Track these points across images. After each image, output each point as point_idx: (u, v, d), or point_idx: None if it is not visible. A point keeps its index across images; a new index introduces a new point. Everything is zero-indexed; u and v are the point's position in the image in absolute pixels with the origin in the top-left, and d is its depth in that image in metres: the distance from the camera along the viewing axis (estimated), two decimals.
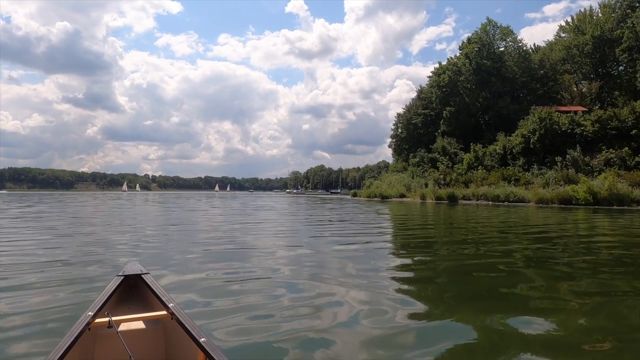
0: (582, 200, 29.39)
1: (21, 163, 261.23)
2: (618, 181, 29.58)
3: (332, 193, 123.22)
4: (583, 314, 3.93)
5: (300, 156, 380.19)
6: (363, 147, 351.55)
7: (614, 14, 45.83)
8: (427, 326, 3.48)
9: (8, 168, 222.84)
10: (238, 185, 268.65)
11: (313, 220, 16.53)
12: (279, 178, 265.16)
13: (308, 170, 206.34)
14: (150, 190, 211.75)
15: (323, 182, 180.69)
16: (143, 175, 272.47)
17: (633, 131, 35.44)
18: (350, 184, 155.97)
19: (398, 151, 67.26)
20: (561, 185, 33.20)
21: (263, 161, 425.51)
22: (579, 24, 49.76)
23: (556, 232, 11.95)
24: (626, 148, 34.85)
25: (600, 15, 48.36)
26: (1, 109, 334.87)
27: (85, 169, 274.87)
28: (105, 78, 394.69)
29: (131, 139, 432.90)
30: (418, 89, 67.57)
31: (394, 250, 8.55)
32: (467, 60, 53.84)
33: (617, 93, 46.08)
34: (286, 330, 3.23)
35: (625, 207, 27.05)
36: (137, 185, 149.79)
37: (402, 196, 48.67)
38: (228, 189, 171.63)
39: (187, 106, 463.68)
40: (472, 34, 55.78)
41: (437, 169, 48.99)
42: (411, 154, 60.05)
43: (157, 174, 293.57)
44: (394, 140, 68.82)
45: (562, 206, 29.50)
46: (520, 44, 55.55)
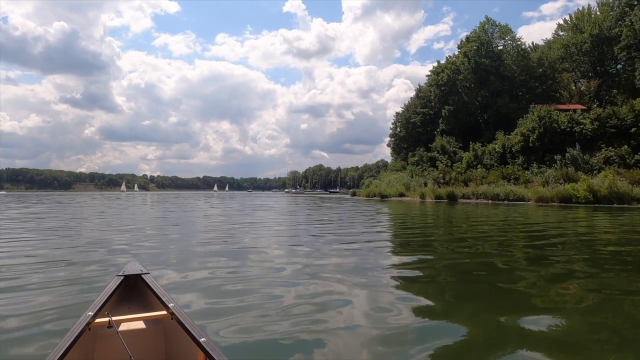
0: (582, 198, 29.38)
1: (19, 164, 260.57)
2: (618, 179, 29.58)
3: (331, 192, 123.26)
4: (583, 312, 3.94)
5: (298, 156, 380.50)
6: (361, 147, 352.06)
7: (612, 12, 45.85)
8: (428, 324, 3.48)
9: (6, 169, 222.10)
10: (236, 185, 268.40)
11: (312, 219, 16.45)
12: (278, 178, 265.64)
13: (307, 169, 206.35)
14: (148, 190, 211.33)
15: (322, 182, 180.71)
16: (141, 175, 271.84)
17: (632, 129, 35.46)
18: (348, 184, 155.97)
19: (397, 150, 67.26)
20: (561, 183, 33.18)
21: (261, 161, 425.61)
22: (577, 23, 49.79)
23: (557, 231, 11.89)
24: (625, 146, 34.86)
25: (598, 13, 48.38)
26: None
27: (83, 170, 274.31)
28: (102, 78, 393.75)
29: (129, 139, 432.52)
30: (417, 88, 67.63)
31: (394, 249, 8.51)
32: (466, 58, 53.79)
33: (616, 91, 46.13)
34: (286, 329, 3.23)
35: (625, 205, 27.05)
36: (136, 185, 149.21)
37: (402, 195, 48.63)
38: (227, 189, 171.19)
39: (185, 106, 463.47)
40: (471, 33, 55.71)
41: (437, 168, 48.92)
42: (410, 153, 60.04)
43: (156, 174, 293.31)
44: (393, 139, 68.81)
45: (562, 204, 29.47)
46: (518, 43, 55.56)
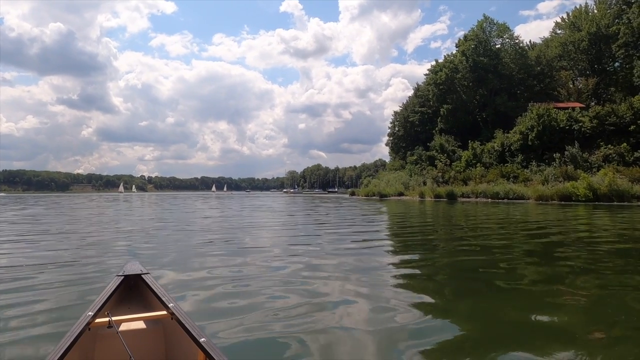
0: (582, 196, 29.36)
1: (16, 165, 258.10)
2: (617, 177, 29.57)
3: (330, 192, 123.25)
4: (583, 308, 3.98)
5: (296, 155, 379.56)
6: (359, 146, 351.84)
7: (610, 10, 45.87)
8: (428, 323, 3.50)
9: (2, 170, 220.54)
10: (235, 185, 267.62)
11: (312, 219, 16.35)
12: (276, 178, 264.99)
13: (305, 169, 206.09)
14: (146, 191, 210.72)
15: (320, 182, 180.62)
16: (139, 176, 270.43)
17: (631, 127, 35.46)
18: (347, 183, 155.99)
19: (395, 149, 67.19)
20: (560, 181, 33.15)
21: (259, 161, 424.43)
22: (575, 21, 49.81)
23: (557, 229, 11.89)
24: (625, 144, 34.86)
25: (595, 11, 48.37)
26: None
27: (80, 171, 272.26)
28: (99, 79, 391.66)
29: (126, 140, 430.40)
30: (415, 87, 67.52)
31: (395, 248, 8.49)
32: (464, 57, 53.68)
33: (613, 89, 46.15)
34: (286, 329, 3.23)
35: (625, 203, 27.03)
36: (134, 186, 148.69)
37: (401, 194, 48.58)
38: (225, 189, 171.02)
39: (183, 106, 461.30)
40: (469, 31, 55.57)
41: (435, 167, 48.86)
42: (409, 152, 59.98)
43: (153, 175, 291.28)
44: (391, 138, 68.72)
45: (562, 203, 29.46)
46: (516, 41, 55.45)
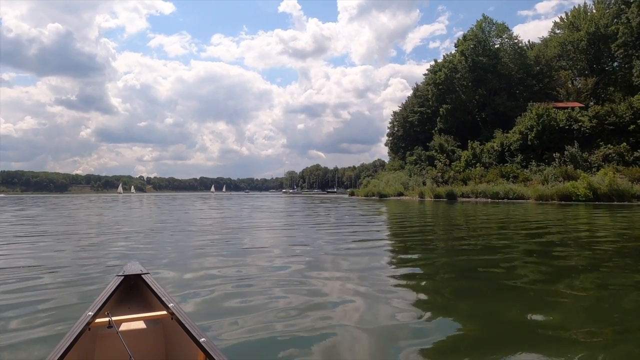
0: (583, 196, 29.31)
1: (14, 166, 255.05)
2: (617, 177, 29.52)
3: (329, 192, 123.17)
4: (583, 308, 3.99)
5: (295, 156, 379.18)
6: (358, 146, 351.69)
7: (609, 10, 45.88)
8: (428, 322, 3.52)
9: (1, 171, 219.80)
10: (234, 185, 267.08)
11: (312, 219, 16.25)
12: (275, 178, 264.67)
13: (304, 169, 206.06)
14: (145, 192, 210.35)
15: (319, 182, 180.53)
16: (138, 177, 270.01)
17: (631, 126, 35.41)
18: (346, 183, 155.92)
19: (395, 149, 67.12)
20: (560, 181, 33.09)
21: (258, 161, 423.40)
22: (574, 20, 49.84)
23: (558, 228, 11.85)
24: (624, 143, 34.80)
25: (594, 11, 48.41)
26: None
27: (79, 172, 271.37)
28: (98, 79, 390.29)
29: (125, 141, 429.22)
30: (414, 87, 67.47)
31: (395, 248, 8.45)
32: (463, 57, 53.67)
33: (612, 89, 46.17)
34: (286, 329, 3.24)
35: (625, 203, 27.00)
36: (132, 187, 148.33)
37: (400, 194, 48.52)
38: (224, 190, 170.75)
39: (181, 107, 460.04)
40: (468, 31, 55.61)
41: (435, 167, 48.78)
42: (408, 152, 59.92)
43: (152, 176, 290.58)
44: (391, 138, 68.66)
45: (562, 202, 29.41)
46: (515, 41, 55.47)
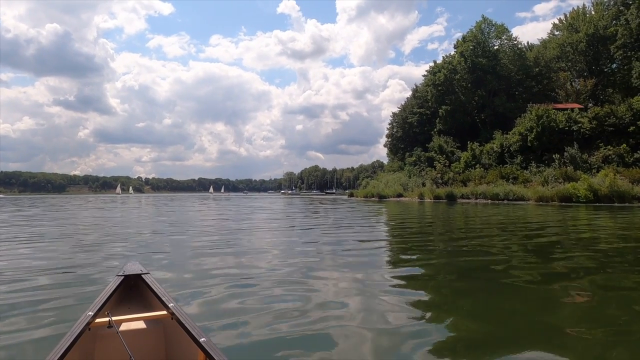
0: (583, 197, 29.26)
1: (12, 167, 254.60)
2: (618, 178, 29.47)
3: (327, 193, 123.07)
4: (583, 308, 4.02)
5: (294, 157, 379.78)
6: (357, 147, 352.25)
7: (607, 12, 45.90)
8: (428, 323, 3.54)
9: None
10: (232, 186, 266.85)
11: (311, 221, 16.13)
12: (273, 179, 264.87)
13: (302, 170, 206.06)
14: (143, 192, 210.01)
15: (317, 183, 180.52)
16: (136, 177, 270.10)
17: (631, 128, 35.39)
18: (344, 184, 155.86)
19: (394, 150, 67.07)
20: (560, 182, 33.05)
21: (257, 162, 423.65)
22: (573, 22, 49.83)
23: (559, 229, 11.82)
24: (624, 145, 34.78)
25: (593, 13, 48.45)
26: None
27: (77, 172, 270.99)
28: (96, 80, 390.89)
29: (123, 141, 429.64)
30: (413, 88, 67.48)
31: (395, 249, 8.40)
32: (463, 58, 53.66)
33: (611, 90, 46.21)
34: (286, 329, 3.25)
35: (626, 204, 26.95)
36: (130, 187, 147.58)
37: (400, 196, 48.42)
38: (222, 191, 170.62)
39: (180, 108, 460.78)
40: (467, 32, 55.63)
41: (434, 168, 48.72)
42: (407, 153, 59.87)
43: (150, 176, 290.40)
44: (390, 139, 68.61)
45: (563, 204, 29.35)
46: (515, 42, 55.49)
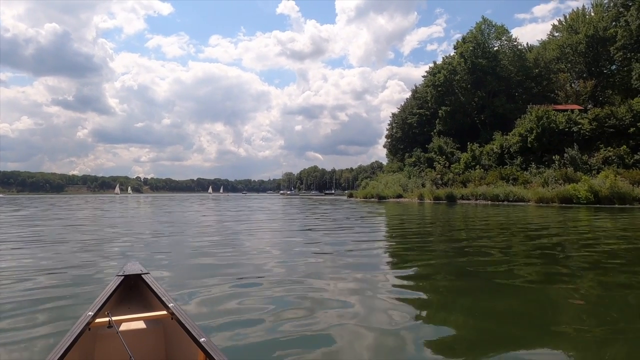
0: (584, 199, 29.20)
1: (10, 166, 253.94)
2: (618, 179, 29.40)
3: (326, 194, 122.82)
4: (582, 308, 4.04)
5: (293, 157, 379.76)
6: (356, 148, 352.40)
7: (607, 13, 45.88)
8: (427, 323, 3.54)
9: None
10: (231, 187, 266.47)
11: (311, 221, 16.05)
12: (272, 179, 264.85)
13: (301, 171, 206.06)
14: (142, 192, 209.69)
15: (316, 183, 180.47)
16: (135, 177, 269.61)
17: (631, 129, 35.35)
18: (343, 185, 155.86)
19: (393, 151, 67.02)
20: (560, 184, 32.99)
21: (256, 162, 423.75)
22: (572, 23, 49.82)
23: (559, 230, 11.77)
24: (624, 146, 34.75)
25: (593, 14, 48.47)
26: None
27: (75, 172, 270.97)
28: (95, 80, 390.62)
29: (122, 141, 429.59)
30: (413, 89, 67.47)
31: (395, 250, 8.37)
32: (462, 59, 53.63)
33: (610, 92, 46.24)
34: (285, 330, 3.25)
35: (627, 206, 26.90)
36: (129, 187, 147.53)
37: (399, 196, 48.32)
38: (221, 191, 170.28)
39: (179, 108, 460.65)
40: (467, 33, 55.62)
41: (434, 169, 48.66)
42: (407, 154, 59.79)
43: (149, 177, 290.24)
44: (389, 140, 68.58)
45: (563, 205, 29.28)
46: (514, 43, 55.47)
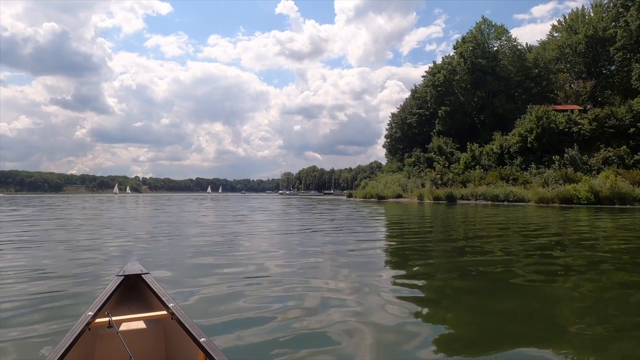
0: (584, 199, 29.14)
1: (8, 166, 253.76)
2: (619, 180, 29.35)
3: (325, 194, 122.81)
4: (582, 308, 4.04)
5: (291, 157, 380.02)
6: (354, 148, 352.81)
7: (607, 14, 45.87)
8: (427, 322, 3.55)
9: None
10: (230, 186, 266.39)
11: (311, 221, 15.97)
12: (271, 179, 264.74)
13: (300, 171, 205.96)
14: (140, 192, 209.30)
15: (315, 183, 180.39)
16: (133, 177, 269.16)
17: (631, 129, 35.31)
18: (342, 185, 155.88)
19: (392, 151, 66.94)
20: (560, 184, 32.94)
21: (254, 162, 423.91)
22: (572, 24, 49.79)
23: (560, 231, 11.71)
24: (624, 146, 34.71)
25: (592, 14, 48.46)
26: None
27: (74, 172, 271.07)
28: (93, 79, 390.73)
29: (121, 141, 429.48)
30: (412, 89, 67.38)
31: (395, 249, 8.36)
32: (462, 59, 53.57)
33: (609, 92, 46.22)
34: (286, 329, 3.25)
35: (627, 206, 26.85)
36: (128, 187, 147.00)
37: (399, 196, 48.24)
38: (220, 191, 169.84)
39: (178, 107, 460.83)
40: (467, 33, 55.55)
41: (434, 169, 48.60)
42: (406, 154, 59.72)
43: (148, 176, 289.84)
44: (389, 140, 68.48)
45: (563, 205, 29.22)
46: (514, 43, 55.42)
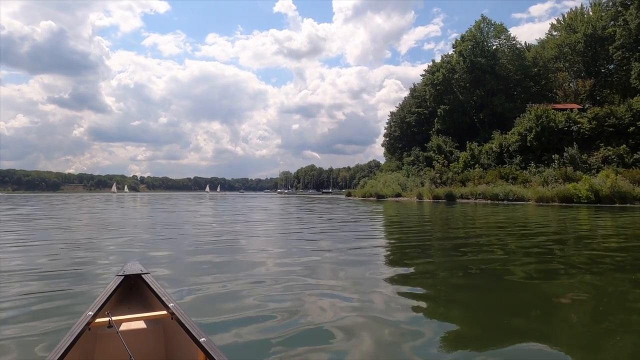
0: (584, 198, 29.11)
1: (5, 165, 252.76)
2: (619, 178, 29.34)
3: (324, 193, 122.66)
4: (582, 308, 4.04)
5: (290, 156, 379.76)
6: (353, 147, 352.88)
7: (606, 13, 45.87)
8: (426, 321, 3.56)
9: None
10: (228, 185, 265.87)
11: (311, 220, 15.84)
12: (269, 178, 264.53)
13: (298, 170, 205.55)
14: (138, 191, 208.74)
15: (314, 182, 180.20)
16: (131, 176, 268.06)
17: (630, 128, 35.35)
18: (341, 184, 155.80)
19: (391, 150, 66.88)
20: (560, 183, 32.91)
21: (253, 161, 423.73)
22: (571, 23, 49.82)
23: (560, 229, 11.66)
24: (624, 145, 34.72)
25: (591, 13, 48.46)
26: None
27: (71, 171, 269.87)
28: (91, 78, 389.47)
29: (118, 140, 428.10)
30: (411, 87, 67.30)
31: (395, 249, 8.34)
32: (461, 58, 53.53)
33: (608, 91, 46.24)
34: (285, 328, 3.25)
35: (627, 205, 26.85)
36: (126, 186, 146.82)
37: (398, 195, 48.18)
38: (218, 190, 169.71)
39: (176, 106, 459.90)
40: (466, 32, 55.54)
41: (433, 168, 48.55)
42: (405, 153, 59.66)
43: (146, 175, 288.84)
44: (387, 139, 68.40)
45: (563, 204, 29.19)
46: (513, 42, 55.42)
